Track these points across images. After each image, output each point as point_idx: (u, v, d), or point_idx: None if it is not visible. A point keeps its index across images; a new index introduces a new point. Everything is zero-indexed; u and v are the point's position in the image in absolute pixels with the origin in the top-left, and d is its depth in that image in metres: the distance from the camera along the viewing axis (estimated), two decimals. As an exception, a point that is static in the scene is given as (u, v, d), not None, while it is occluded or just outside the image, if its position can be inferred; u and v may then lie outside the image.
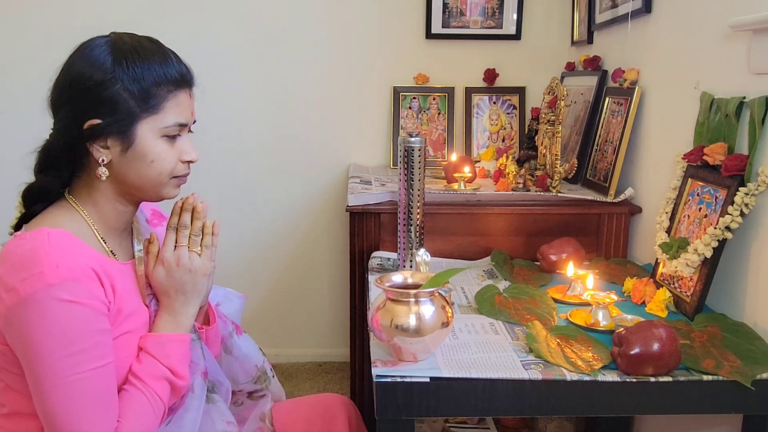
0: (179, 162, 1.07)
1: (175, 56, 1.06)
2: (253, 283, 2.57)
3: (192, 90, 1.09)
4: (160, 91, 1.02)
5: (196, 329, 1.14)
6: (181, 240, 1.08)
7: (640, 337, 1.07)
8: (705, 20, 1.45)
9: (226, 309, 1.34)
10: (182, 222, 1.09)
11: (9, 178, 1.16)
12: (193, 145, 1.10)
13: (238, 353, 1.28)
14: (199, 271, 1.08)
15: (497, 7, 2.37)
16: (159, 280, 1.07)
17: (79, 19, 2.34)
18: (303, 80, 2.42)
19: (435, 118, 2.43)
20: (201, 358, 1.13)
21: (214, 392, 1.17)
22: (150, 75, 1.01)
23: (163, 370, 1.02)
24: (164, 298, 1.08)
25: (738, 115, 1.29)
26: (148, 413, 1.00)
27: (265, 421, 1.30)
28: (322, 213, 2.52)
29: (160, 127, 1.03)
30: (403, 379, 1.06)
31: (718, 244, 1.25)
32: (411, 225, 1.51)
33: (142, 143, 1.02)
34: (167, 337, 1.05)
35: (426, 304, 1.08)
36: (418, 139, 1.47)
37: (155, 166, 1.03)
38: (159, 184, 1.06)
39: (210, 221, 1.12)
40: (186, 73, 1.06)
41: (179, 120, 1.05)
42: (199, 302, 1.11)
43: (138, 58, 1.01)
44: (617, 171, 1.77)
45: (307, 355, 2.65)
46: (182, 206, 1.10)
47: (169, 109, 1.03)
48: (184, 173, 1.09)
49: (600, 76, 2.00)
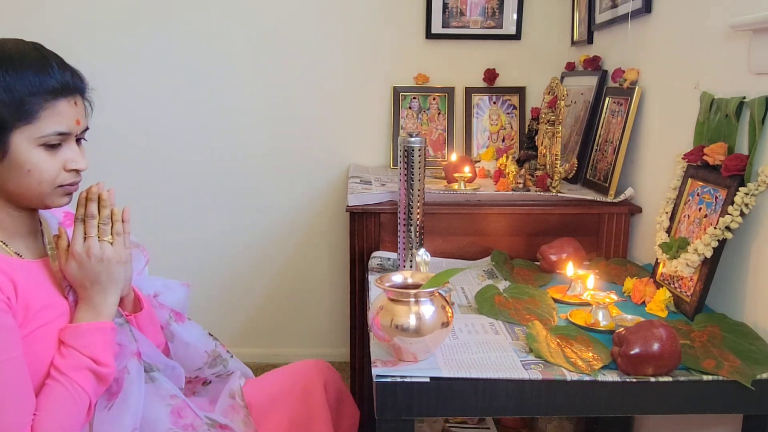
0: (63, 171, 1.05)
1: (59, 63, 1.04)
2: (253, 282, 2.57)
3: (79, 97, 1.07)
4: (35, 99, 1.00)
5: (124, 316, 1.14)
6: (90, 231, 1.07)
7: (640, 337, 1.07)
8: (705, 20, 1.45)
9: (167, 298, 1.33)
10: (89, 212, 1.07)
11: None
12: (81, 153, 1.08)
13: (185, 339, 1.28)
14: (113, 260, 1.07)
15: (497, 7, 2.37)
16: (72, 274, 1.07)
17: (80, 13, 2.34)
18: (303, 80, 2.42)
19: (435, 118, 2.43)
20: (131, 341, 1.12)
21: (153, 371, 1.17)
22: (23, 84, 0.99)
23: (84, 361, 1.02)
24: (81, 291, 1.08)
25: (738, 115, 1.29)
26: (68, 405, 1.00)
27: (235, 397, 1.30)
28: (322, 213, 2.52)
29: (36, 137, 1.01)
30: (403, 379, 1.06)
31: (718, 244, 1.25)
32: (411, 225, 1.51)
33: (17, 153, 1.00)
34: (85, 326, 1.05)
35: (426, 304, 1.08)
36: (418, 139, 1.47)
37: (33, 176, 1.02)
38: (41, 193, 1.04)
39: (119, 208, 1.10)
40: (69, 81, 1.04)
41: (58, 129, 1.02)
42: (119, 290, 1.10)
43: (12, 66, 0.99)
44: (617, 171, 1.77)
45: (307, 355, 2.60)
46: (87, 196, 1.08)
47: (46, 118, 1.01)
48: (70, 182, 1.07)
49: (600, 76, 2.00)
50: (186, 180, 2.46)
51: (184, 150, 2.43)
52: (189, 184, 2.46)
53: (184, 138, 2.43)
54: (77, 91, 1.06)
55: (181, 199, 2.48)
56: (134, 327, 1.15)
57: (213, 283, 2.55)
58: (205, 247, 2.53)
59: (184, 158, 2.44)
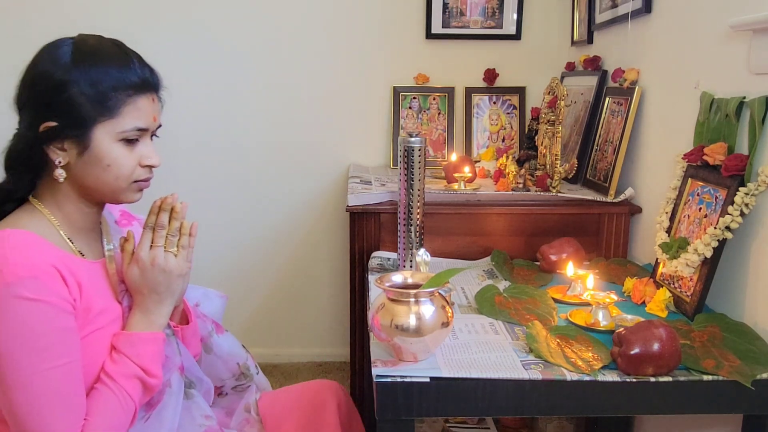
0: (139, 167, 1.06)
1: (139, 60, 1.05)
2: (253, 283, 2.57)
3: (156, 94, 1.08)
4: (118, 95, 1.01)
5: (171, 327, 1.14)
6: (158, 240, 1.08)
7: (640, 337, 1.07)
8: (705, 20, 1.45)
9: (206, 308, 1.34)
10: (159, 222, 1.08)
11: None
12: (155, 149, 1.09)
13: (219, 352, 1.28)
14: (174, 272, 1.08)
15: (497, 7, 2.37)
16: (132, 279, 1.07)
17: (73, 17, 2.34)
18: (303, 80, 2.42)
19: (435, 118, 2.43)
20: (177, 354, 1.13)
21: (192, 388, 1.17)
22: (108, 79, 1.00)
23: (134, 369, 1.02)
24: (137, 297, 1.08)
25: (738, 115, 1.29)
26: (117, 412, 1.00)
27: (250, 411, 1.30)
28: (322, 213, 2.52)
29: (117, 131, 1.02)
30: (403, 379, 1.06)
31: (718, 244, 1.25)
32: (411, 225, 1.51)
33: (98, 147, 1.01)
34: (139, 335, 1.05)
35: (426, 304, 1.08)
36: (418, 139, 1.47)
37: (112, 170, 1.03)
38: (117, 188, 1.05)
39: (188, 222, 1.11)
40: (148, 78, 1.05)
41: (138, 124, 1.04)
42: (173, 302, 1.11)
43: (97, 61, 1.00)
44: (617, 171, 1.77)
45: (307, 355, 2.65)
46: (160, 206, 1.09)
47: (127, 114, 1.02)
48: (144, 178, 1.08)
49: (600, 76, 2.00)
50: (186, 180, 2.46)
51: (184, 150, 2.43)
52: (189, 183, 2.46)
53: (184, 138, 2.43)
54: (155, 88, 1.07)
55: (180, 199, 2.47)
56: (179, 339, 1.16)
57: (213, 283, 2.52)
58: (205, 247, 2.52)
59: (184, 158, 2.44)
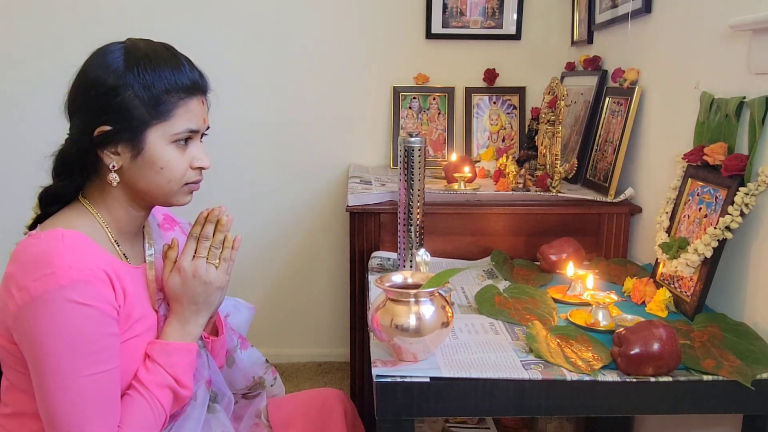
0: (190, 169, 1.06)
1: (189, 63, 1.06)
2: (253, 283, 2.57)
3: (205, 97, 1.09)
4: (171, 98, 1.01)
5: (203, 339, 1.14)
6: (201, 251, 1.08)
7: (640, 337, 1.07)
8: (705, 20, 1.45)
9: (235, 319, 1.34)
10: (204, 233, 1.09)
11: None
12: (205, 151, 1.09)
13: (240, 366, 1.29)
14: (214, 284, 1.08)
15: (497, 7, 2.37)
16: (173, 288, 1.07)
17: (94, 21, 2.34)
18: (303, 80, 2.42)
19: (435, 118, 2.43)
20: (206, 367, 1.13)
21: (216, 402, 1.17)
22: (161, 82, 1.00)
23: (167, 379, 1.02)
24: (176, 305, 1.08)
25: (738, 115, 1.29)
26: (149, 420, 1.00)
27: (260, 417, 1.30)
28: (322, 213, 2.52)
29: (170, 134, 1.02)
30: (403, 379, 1.06)
31: (718, 244, 1.25)
32: (411, 225, 1.51)
33: (152, 150, 1.01)
34: (174, 346, 1.05)
35: (426, 304, 1.08)
36: (418, 139, 1.47)
37: (165, 173, 1.03)
38: (169, 191, 1.05)
39: (232, 235, 1.12)
40: (198, 80, 1.06)
41: (190, 126, 1.04)
42: (210, 313, 1.11)
43: (150, 64, 1.01)
44: (617, 171, 1.77)
45: (307, 355, 2.64)
46: (207, 217, 1.10)
47: (180, 116, 1.03)
48: (195, 180, 1.08)
49: (600, 76, 2.00)
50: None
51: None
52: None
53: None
54: (204, 91, 1.08)
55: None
56: (208, 351, 1.16)
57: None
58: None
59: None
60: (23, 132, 2.40)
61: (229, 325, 1.29)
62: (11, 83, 2.38)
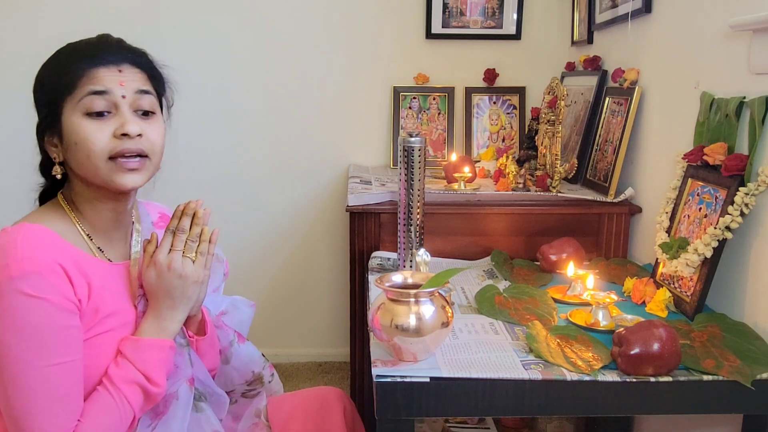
0: (113, 138, 0.99)
1: (110, 39, 1.05)
2: (253, 283, 2.57)
3: (129, 66, 1.03)
4: (74, 68, 0.99)
5: (187, 337, 1.13)
6: (177, 244, 1.07)
7: (640, 337, 1.07)
8: (705, 20, 1.45)
9: (234, 317, 1.33)
10: (181, 226, 1.08)
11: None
12: (135, 119, 1.01)
13: (236, 362, 1.28)
14: (190, 278, 1.07)
15: (497, 7, 2.37)
16: (149, 281, 1.06)
17: (81, 21, 2.34)
18: (303, 80, 2.42)
19: (435, 118, 2.43)
20: (188, 365, 1.11)
21: (202, 401, 1.16)
22: (68, 59, 1.01)
23: (136, 375, 1.00)
24: (152, 300, 1.07)
25: (738, 115, 1.29)
26: (113, 417, 0.99)
27: (260, 416, 1.30)
28: (322, 213, 2.52)
29: (76, 103, 0.99)
30: (403, 379, 1.06)
31: (718, 244, 1.25)
32: (411, 225, 1.51)
33: (67, 128, 1.00)
34: (146, 342, 1.03)
35: (426, 304, 1.08)
36: (418, 139, 1.47)
37: (80, 148, 0.98)
38: (95, 168, 0.99)
39: (210, 228, 1.11)
40: (108, 48, 1.02)
41: (92, 88, 0.98)
42: (188, 309, 1.09)
43: (65, 49, 1.02)
44: (617, 171, 1.77)
45: (307, 355, 2.65)
46: (183, 210, 1.09)
47: (83, 84, 0.99)
48: (119, 150, 0.99)
49: (600, 76, 2.00)
50: (186, 180, 2.45)
51: (184, 150, 2.43)
52: (189, 184, 2.46)
53: (184, 138, 2.43)
54: (124, 61, 1.02)
55: (180, 199, 2.47)
56: (193, 350, 1.14)
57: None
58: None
59: (184, 158, 2.44)
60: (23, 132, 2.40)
61: (221, 322, 1.28)
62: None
